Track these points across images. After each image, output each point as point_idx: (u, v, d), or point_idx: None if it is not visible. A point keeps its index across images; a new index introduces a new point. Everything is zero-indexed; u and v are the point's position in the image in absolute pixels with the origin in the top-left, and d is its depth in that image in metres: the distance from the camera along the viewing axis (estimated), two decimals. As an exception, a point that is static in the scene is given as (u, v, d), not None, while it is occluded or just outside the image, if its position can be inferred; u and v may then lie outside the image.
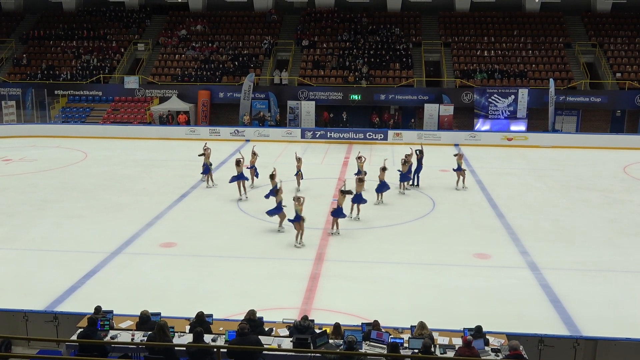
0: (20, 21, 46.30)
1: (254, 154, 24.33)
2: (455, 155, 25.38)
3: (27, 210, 21.18)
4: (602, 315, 13.53)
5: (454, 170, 24.19)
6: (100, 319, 10.85)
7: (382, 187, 21.75)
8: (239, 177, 22.22)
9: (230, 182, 22.53)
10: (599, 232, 19.24)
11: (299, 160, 23.99)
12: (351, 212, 20.05)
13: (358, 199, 20.00)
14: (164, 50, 42.33)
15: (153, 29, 44.44)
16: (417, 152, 24.50)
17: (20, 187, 24.25)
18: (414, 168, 24.16)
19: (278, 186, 19.21)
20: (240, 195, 22.35)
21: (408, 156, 23.63)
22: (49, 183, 24.96)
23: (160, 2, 45.97)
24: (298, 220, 17.35)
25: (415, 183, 24.38)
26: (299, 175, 23.57)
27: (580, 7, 43.23)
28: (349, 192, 19.26)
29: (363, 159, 23.73)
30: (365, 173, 22.69)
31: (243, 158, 22.97)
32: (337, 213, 18.45)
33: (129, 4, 46.03)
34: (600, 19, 42.21)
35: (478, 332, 10.47)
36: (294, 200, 17.70)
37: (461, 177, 24.01)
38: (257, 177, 24.13)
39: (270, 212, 18.60)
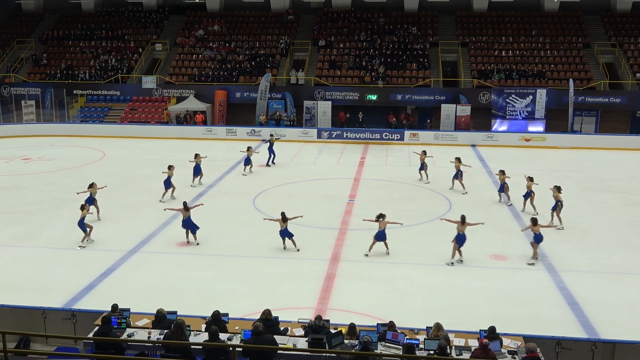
0: (40, 21, 46.84)
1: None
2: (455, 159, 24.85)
3: (45, 208, 21.42)
4: (620, 318, 13.38)
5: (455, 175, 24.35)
6: (117, 317, 10.95)
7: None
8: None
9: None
10: (617, 234, 19.02)
11: (423, 153, 25.64)
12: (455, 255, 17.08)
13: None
14: (181, 51, 42.58)
15: (171, 29, 44.72)
16: (270, 137, 29.36)
17: (39, 186, 24.53)
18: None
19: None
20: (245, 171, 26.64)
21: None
22: (67, 182, 25.20)
23: (177, 2, 46.27)
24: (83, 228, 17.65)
25: (267, 163, 28.70)
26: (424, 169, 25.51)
27: (599, 6, 42.76)
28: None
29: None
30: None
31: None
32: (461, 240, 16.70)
33: (147, 5, 46.38)
34: (620, 18, 41.71)
35: (491, 333, 10.39)
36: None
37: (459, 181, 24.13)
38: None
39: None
